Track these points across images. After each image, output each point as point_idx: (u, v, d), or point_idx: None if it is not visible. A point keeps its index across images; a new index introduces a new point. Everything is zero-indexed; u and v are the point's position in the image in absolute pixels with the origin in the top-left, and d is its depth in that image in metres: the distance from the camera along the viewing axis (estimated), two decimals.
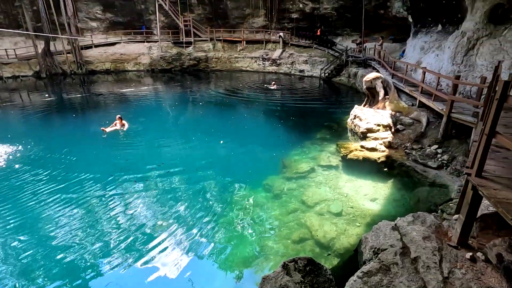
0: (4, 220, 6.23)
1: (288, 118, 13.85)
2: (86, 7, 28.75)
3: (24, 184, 7.62)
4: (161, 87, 23.14)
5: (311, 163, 8.83)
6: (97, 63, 27.73)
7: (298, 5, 27.13)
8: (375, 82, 12.63)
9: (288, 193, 7.40)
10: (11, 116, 14.94)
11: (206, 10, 30.28)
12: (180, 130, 12.82)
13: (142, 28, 30.51)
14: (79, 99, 18.69)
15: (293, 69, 27.22)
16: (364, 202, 6.91)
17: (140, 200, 7.12)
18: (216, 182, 8.05)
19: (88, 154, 9.69)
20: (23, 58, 25.30)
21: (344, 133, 11.46)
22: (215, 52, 30.00)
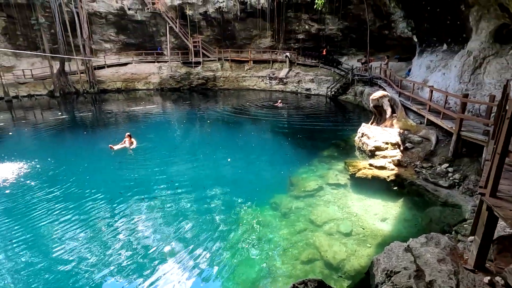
0: (13, 234, 6.25)
1: (295, 136, 13.88)
2: (100, 29, 30.09)
3: (35, 200, 7.70)
4: (170, 105, 23.63)
5: (319, 181, 8.74)
6: (109, 82, 28.62)
7: (304, 26, 27.90)
8: (382, 100, 12.66)
9: (296, 212, 7.29)
10: (25, 133, 15.35)
11: (214, 31, 31.34)
12: (188, 148, 12.93)
13: (158, 49, 31.48)
14: (90, 117, 19.17)
15: (300, 87, 27.58)
16: (375, 221, 6.75)
17: (147, 217, 7.10)
18: (223, 200, 8.00)
19: (98, 171, 9.81)
20: (38, 78, 26.31)
21: (351, 151, 11.39)
22: (223, 71, 30.73)
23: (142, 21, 30.05)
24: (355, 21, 24.54)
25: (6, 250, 5.85)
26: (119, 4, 28.92)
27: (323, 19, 26.21)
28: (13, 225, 6.64)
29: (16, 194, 7.99)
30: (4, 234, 6.35)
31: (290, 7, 26.70)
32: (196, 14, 29.62)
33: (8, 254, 5.76)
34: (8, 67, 25.59)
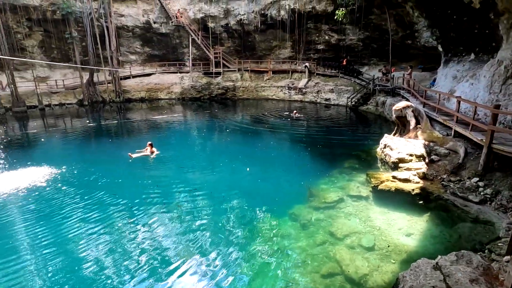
0: (40, 235, 6.54)
1: (314, 146, 13.73)
2: (127, 42, 31.63)
3: (61, 203, 8.05)
4: (191, 114, 24.19)
5: (340, 192, 8.55)
6: (134, 92, 29.80)
7: (324, 37, 27.91)
8: (406, 111, 12.31)
9: (316, 223, 7.14)
10: (55, 140, 16.21)
11: (235, 43, 32.05)
12: (208, 157, 13.11)
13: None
14: (115, 125, 19.97)
15: (319, 97, 27.41)
16: (399, 236, 6.47)
17: (166, 224, 7.21)
18: (241, 209, 7.99)
19: (122, 177, 10.13)
20: (69, 88, 27.89)
21: (373, 163, 11.09)
22: (243, 81, 31.18)
23: (166, 34, 31.31)
24: (377, 31, 24.24)
25: (32, 251, 6.11)
26: (146, 18, 30.37)
27: (343, 30, 26.11)
28: (40, 227, 6.95)
29: (44, 198, 8.39)
30: (32, 235, 6.66)
31: (310, 18, 26.86)
32: (218, 27, 30.48)
33: (34, 255, 6.01)
34: (43, 78, 27.34)
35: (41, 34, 27.11)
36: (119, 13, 29.53)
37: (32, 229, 6.88)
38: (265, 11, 28.19)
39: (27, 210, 7.69)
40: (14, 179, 9.44)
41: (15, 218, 7.37)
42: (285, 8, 27.04)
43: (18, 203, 8.08)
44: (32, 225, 7.05)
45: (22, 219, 7.30)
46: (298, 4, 26.29)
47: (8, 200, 8.24)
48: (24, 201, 8.15)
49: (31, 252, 6.09)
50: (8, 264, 5.71)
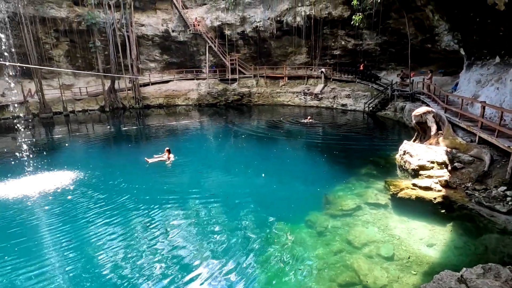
0: (61, 237, 6.79)
1: (331, 153, 13.54)
2: (147, 50, 32.71)
3: (84, 206, 8.33)
4: (207, 120, 24.55)
5: (357, 200, 8.36)
6: (152, 98, 30.66)
7: (341, 42, 27.71)
8: (426, 117, 11.95)
9: (333, 231, 7.00)
10: (78, 145, 16.88)
11: (251, 49, 32.40)
12: (223, 162, 13.21)
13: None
14: (134, 131, 20.58)
15: (335, 103, 27.11)
16: (420, 246, 6.23)
17: (182, 228, 7.29)
18: (256, 215, 7.97)
19: (140, 182, 10.37)
20: (92, 95, 29.07)
21: (392, 170, 10.79)
22: (258, 87, 31.38)
23: (184, 42, 32.14)
24: (395, 36, 23.81)
25: (55, 252, 6.35)
26: (165, 27, 31.34)
27: (360, 35, 25.84)
28: (62, 229, 7.22)
29: (66, 200, 8.72)
30: (54, 236, 6.92)
31: (327, 24, 26.78)
32: (234, 34, 30.96)
33: (56, 255, 6.23)
34: (68, 85, 28.68)
35: (67, 44, 28.53)
36: (140, 22, 30.65)
37: (55, 231, 7.15)
38: (280, 18, 28.39)
39: (52, 213, 8.02)
40: (40, 182, 9.88)
41: (40, 220, 7.70)
42: (301, 14, 27.12)
43: (44, 205, 8.44)
44: (55, 226, 7.34)
45: (46, 221, 7.62)
46: (314, 10, 26.31)
47: (34, 202, 8.63)
48: (49, 204, 8.51)
49: (53, 253, 6.32)
50: (32, 264, 5.95)
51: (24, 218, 7.71)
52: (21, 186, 9.60)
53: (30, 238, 6.81)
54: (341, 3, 24.88)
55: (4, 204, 8.46)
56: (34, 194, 9.01)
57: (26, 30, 23.50)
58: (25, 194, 8.97)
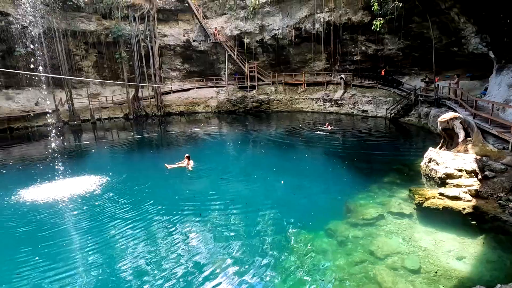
0: (85, 239, 7.06)
1: (351, 160, 13.24)
2: (169, 60, 33.83)
3: (107, 210, 8.63)
4: (226, 127, 24.86)
5: (379, 209, 8.09)
6: (173, 106, 31.55)
7: (361, 48, 27.30)
8: (453, 123, 11.43)
9: (354, 240, 6.80)
10: (104, 150, 17.62)
11: (270, 57, 32.65)
12: (242, 169, 13.26)
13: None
14: (156, 137, 21.20)
15: (356, 109, 26.61)
16: (448, 260, 5.90)
17: (202, 234, 7.36)
18: (275, 222, 7.90)
19: (162, 187, 10.65)
20: (117, 103, 30.37)
21: (417, 178, 10.37)
22: (277, 94, 31.46)
23: (204, 51, 32.97)
24: (418, 40, 23.13)
25: (79, 253, 6.60)
26: (186, 37, 32.35)
27: (381, 40, 25.34)
28: (86, 231, 7.51)
29: (91, 204, 9.07)
30: (79, 238, 7.21)
31: (346, 30, 26.52)
32: (253, 42, 31.38)
33: (80, 257, 6.47)
34: (95, 94, 30.15)
35: (95, 55, 30.11)
36: (163, 33, 31.84)
37: (80, 234, 7.45)
38: (299, 25, 28.47)
39: (79, 216, 8.37)
40: (69, 187, 10.37)
41: (68, 223, 8.06)
42: (320, 21, 27.06)
43: (71, 209, 8.84)
44: (81, 229, 7.65)
45: (73, 225, 7.96)
46: (333, 16, 26.18)
47: (62, 205, 9.06)
48: (76, 208, 8.90)
49: (78, 256, 6.57)
50: (58, 267, 6.21)
51: (53, 221, 8.09)
52: (51, 190, 10.12)
53: (57, 241, 7.12)
54: (361, 9, 24.60)
55: (36, 207, 8.93)
56: (63, 198, 9.46)
57: (59, 43, 25.08)
58: (55, 198, 9.44)
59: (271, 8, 29.33)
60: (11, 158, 15.64)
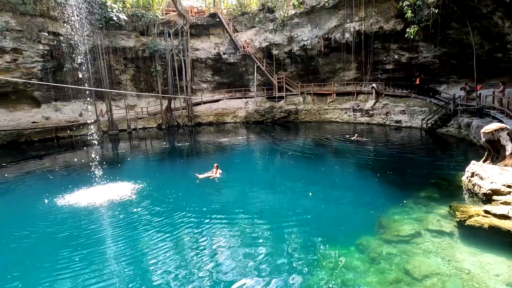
0: (116, 244, 7.39)
1: (384, 172, 12.65)
2: (200, 72, 35.18)
3: (139, 216, 9.00)
4: (254, 137, 25.07)
5: (416, 225, 7.60)
6: (203, 116, 32.55)
7: (393, 56, 26.43)
8: (499, 134, 10.54)
9: (387, 258, 6.42)
10: (138, 159, 18.54)
11: (298, 67, 32.71)
12: (269, 179, 13.21)
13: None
14: (186, 147, 21.91)
15: (388, 119, 25.59)
16: (496, 285, 5.35)
17: (228, 244, 7.36)
18: (303, 235, 7.72)
19: (191, 196, 10.91)
20: (151, 114, 31.97)
21: (457, 194, 9.64)
22: (305, 104, 31.27)
23: (234, 63, 33.87)
24: (456, 46, 21.92)
25: (110, 257, 6.91)
26: (216, 50, 33.53)
27: (415, 47, 24.37)
28: (118, 236, 7.86)
29: (124, 210, 9.51)
30: (111, 242, 7.56)
31: (378, 38, 25.89)
32: (281, 53, 31.70)
33: (110, 260, 6.77)
34: (132, 106, 32.03)
35: (133, 69, 32.15)
36: (195, 47, 33.29)
37: (114, 238, 7.83)
38: (328, 35, 28.32)
39: (113, 221, 8.82)
40: (106, 193, 11.00)
41: (103, 228, 8.52)
42: (350, 30, 26.73)
43: (107, 214, 9.35)
44: (115, 234, 8.03)
45: (108, 229, 8.40)
46: (364, 25, 25.74)
47: (99, 211, 9.61)
48: (111, 213, 9.40)
49: (110, 259, 6.89)
50: (92, 268, 6.55)
51: (91, 226, 8.58)
52: (91, 195, 10.79)
53: (94, 245, 7.54)
54: (393, 17, 23.96)
55: (77, 211, 9.56)
56: (101, 204, 10.04)
57: (101, 59, 27.20)
58: (94, 204, 10.04)
59: (300, 19, 29.56)
60: (57, 164, 16.98)
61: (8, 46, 22.22)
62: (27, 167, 16.31)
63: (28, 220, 9.07)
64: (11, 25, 22.16)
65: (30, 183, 13.28)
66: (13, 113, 24.50)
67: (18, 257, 7.18)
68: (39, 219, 9.04)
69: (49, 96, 26.49)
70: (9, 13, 22.13)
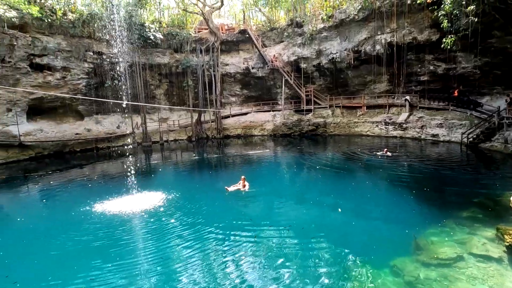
0: (149, 251, 7.59)
1: (420, 189, 11.89)
2: (229, 86, 36.14)
3: (168, 226, 9.22)
4: (281, 150, 24.95)
5: (458, 248, 6.99)
6: (232, 129, 33.14)
7: (428, 68, 25.27)
8: None
9: (426, 283, 5.95)
10: (169, 169, 19.20)
11: (326, 80, 32.42)
12: (297, 193, 12.99)
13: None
14: (215, 159, 22.33)
15: (424, 133, 24.25)
16: None
17: (254, 257, 7.28)
18: (332, 253, 7.40)
19: (218, 207, 11.02)
20: (182, 126, 33.20)
21: (505, 215, 8.77)
22: (334, 117, 30.71)
23: (262, 77, 34.41)
24: (500, 56, 20.48)
25: (141, 264, 7.10)
26: (245, 65, 34.36)
27: (453, 58, 23.12)
28: (147, 243, 8.09)
29: (155, 219, 9.80)
30: (140, 249, 7.79)
31: (411, 49, 25.00)
32: (310, 66, 31.69)
33: (141, 268, 6.94)
34: (164, 119, 33.54)
35: (166, 84, 33.85)
36: (224, 63, 34.42)
37: (145, 246, 8.08)
38: (358, 48, 27.90)
39: (144, 229, 9.14)
40: (139, 201, 11.47)
41: (135, 235, 8.84)
42: (381, 42, 26.13)
43: (139, 222, 9.70)
44: (146, 242, 8.29)
45: (139, 236, 8.70)
46: (396, 37, 25.06)
47: (132, 219, 10.01)
48: (143, 221, 9.75)
49: (140, 265, 7.10)
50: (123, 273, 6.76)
51: (124, 233, 8.95)
52: (125, 203, 11.30)
53: (125, 252, 7.82)
54: (428, 27, 23.09)
55: (111, 218, 10.04)
56: (133, 212, 10.46)
57: (138, 75, 29.02)
58: (127, 212, 10.49)
59: (329, 33, 29.52)
60: (95, 173, 18.09)
61: (58, 65, 24.53)
62: (69, 175, 17.55)
63: (68, 226, 9.65)
64: (62, 46, 24.52)
65: (71, 191, 14.24)
66: (60, 125, 26.70)
67: (57, 260, 7.63)
68: (77, 225, 9.58)
69: (91, 110, 28.61)
70: (61, 36, 24.55)
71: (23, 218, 10.84)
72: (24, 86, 22.52)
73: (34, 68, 23.29)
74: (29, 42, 22.33)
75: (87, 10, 26.23)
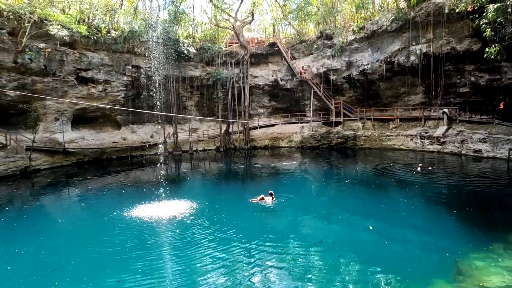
0: (174, 258, 7.70)
1: (462, 209, 10.97)
2: (257, 98, 36.60)
3: (194, 234, 9.34)
4: (309, 162, 24.53)
5: (507, 276, 6.31)
6: (259, 140, 33.33)
7: (469, 79, 23.77)
8: None
9: None
10: (197, 179, 19.63)
11: (357, 92, 31.67)
12: (326, 208, 12.59)
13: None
14: (242, 169, 22.49)
15: (464, 148, 22.60)
16: None
17: (279, 271, 7.11)
18: (363, 272, 7.02)
19: (244, 218, 11.00)
20: (211, 137, 34.00)
21: None
22: (364, 130, 29.76)
23: (291, 89, 34.49)
24: None
25: (166, 270, 7.20)
26: (274, 77, 34.73)
27: (497, 68, 21.58)
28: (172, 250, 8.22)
29: (181, 227, 9.98)
30: (165, 255, 7.92)
31: (449, 60, 23.74)
32: (340, 78, 31.22)
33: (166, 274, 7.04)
34: (194, 129, 34.62)
35: (197, 96, 35.11)
36: (254, 75, 35.05)
37: (171, 253, 8.24)
38: (391, 59, 27.05)
39: (171, 236, 9.34)
40: (168, 208, 11.80)
41: (162, 242, 9.05)
42: (416, 53, 25.14)
43: (167, 229, 9.94)
44: (172, 250, 8.46)
45: (166, 243, 8.90)
46: (432, 47, 23.98)
47: (160, 225, 10.28)
48: (171, 228, 9.98)
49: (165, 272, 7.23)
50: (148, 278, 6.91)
51: (152, 238, 9.22)
52: (154, 210, 11.68)
53: (152, 257, 8.02)
54: (468, 36, 21.87)
55: (141, 224, 10.41)
56: (162, 218, 10.76)
57: (171, 87, 30.44)
58: (156, 218, 10.82)
59: (360, 44, 29.02)
60: (129, 180, 18.98)
61: (101, 78, 26.52)
62: (105, 181, 18.59)
63: (103, 230, 10.14)
64: (105, 61, 26.54)
65: (107, 195, 15.05)
66: (99, 134, 28.60)
67: (90, 261, 8.01)
68: (110, 229, 10.04)
69: (128, 120, 30.37)
70: (104, 51, 26.62)
71: (63, 220, 11.60)
72: (70, 98, 24.55)
73: (79, 81, 25.38)
74: (77, 57, 24.46)
75: (128, 28, 28.26)
